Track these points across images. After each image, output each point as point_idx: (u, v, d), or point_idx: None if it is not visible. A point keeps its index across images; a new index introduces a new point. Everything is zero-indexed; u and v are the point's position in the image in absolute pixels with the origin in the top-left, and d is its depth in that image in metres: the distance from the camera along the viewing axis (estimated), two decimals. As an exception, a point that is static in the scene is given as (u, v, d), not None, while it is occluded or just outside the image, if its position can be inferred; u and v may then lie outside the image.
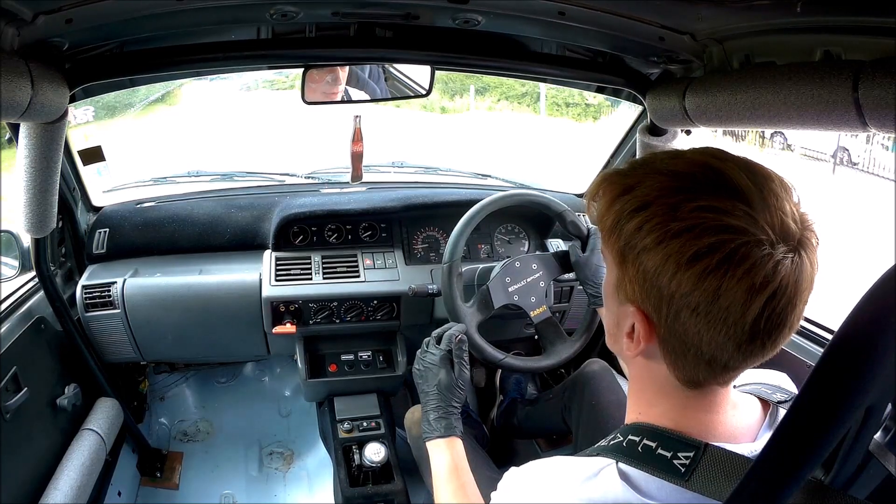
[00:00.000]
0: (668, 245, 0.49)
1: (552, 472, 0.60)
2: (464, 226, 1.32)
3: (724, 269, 0.47)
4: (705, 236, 0.47)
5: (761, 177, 0.50)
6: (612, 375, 1.35)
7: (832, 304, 0.85)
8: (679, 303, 0.50)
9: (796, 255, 0.48)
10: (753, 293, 0.47)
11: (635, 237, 0.51)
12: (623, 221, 0.52)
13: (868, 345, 0.39)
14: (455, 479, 0.93)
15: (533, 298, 1.32)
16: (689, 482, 0.52)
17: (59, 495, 1.21)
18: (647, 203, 0.51)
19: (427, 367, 1.05)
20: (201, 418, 1.95)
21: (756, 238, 0.47)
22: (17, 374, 1.16)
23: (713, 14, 0.91)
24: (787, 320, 0.50)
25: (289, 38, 1.13)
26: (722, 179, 0.49)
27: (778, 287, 0.48)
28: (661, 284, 0.50)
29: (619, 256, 0.54)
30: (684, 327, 0.51)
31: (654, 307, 0.52)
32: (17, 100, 0.81)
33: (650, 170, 0.53)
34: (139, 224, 1.57)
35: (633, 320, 0.54)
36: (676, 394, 0.56)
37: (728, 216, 0.47)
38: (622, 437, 0.58)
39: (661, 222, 0.49)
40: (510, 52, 1.21)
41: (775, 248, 0.47)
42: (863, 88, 0.70)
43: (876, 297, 0.40)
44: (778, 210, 0.48)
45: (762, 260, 0.47)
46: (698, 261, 0.48)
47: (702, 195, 0.49)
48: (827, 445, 0.42)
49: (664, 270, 0.49)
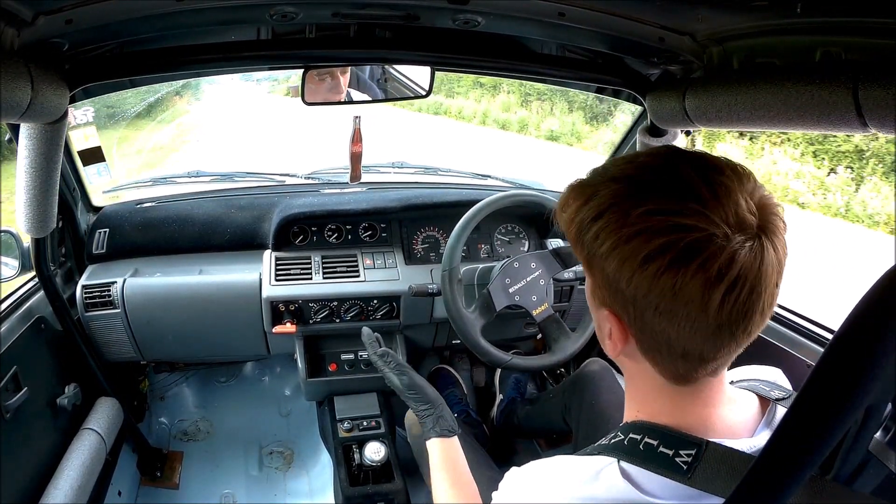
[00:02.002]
0: (622, 250, 0.50)
1: (554, 472, 0.60)
2: (461, 230, 1.33)
3: (677, 267, 0.48)
4: (655, 237, 0.48)
5: (712, 171, 0.51)
6: (612, 375, 1.35)
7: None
8: (641, 304, 0.51)
9: (755, 242, 0.49)
10: (710, 286, 0.48)
11: (594, 245, 0.53)
12: (584, 232, 0.54)
13: (868, 344, 0.40)
14: (447, 477, 0.95)
15: (534, 297, 1.33)
16: (691, 479, 0.52)
17: (59, 495, 1.21)
18: (602, 211, 0.52)
19: (391, 387, 1.09)
20: (201, 418, 1.96)
21: (707, 233, 0.48)
22: (17, 374, 1.16)
23: (713, 15, 0.91)
24: (755, 307, 0.50)
25: (289, 39, 1.13)
26: (671, 180, 0.50)
27: (737, 276, 0.48)
28: (622, 288, 0.52)
29: (586, 264, 0.56)
30: (651, 326, 0.52)
31: (622, 309, 0.54)
32: (17, 100, 0.81)
33: (607, 177, 0.54)
34: (139, 224, 1.57)
35: (609, 323, 0.56)
36: (668, 390, 0.57)
37: (677, 216, 0.48)
38: (623, 436, 0.59)
39: (615, 229, 0.51)
40: (510, 52, 1.21)
41: (730, 239, 0.48)
42: (863, 89, 0.70)
43: (876, 296, 0.40)
44: (730, 203, 0.49)
45: (715, 252, 0.47)
46: (651, 262, 0.49)
47: (651, 198, 0.50)
48: (827, 444, 0.42)
49: (622, 275, 0.51)
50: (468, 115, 10.63)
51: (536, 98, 9.99)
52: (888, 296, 0.40)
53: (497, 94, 10.43)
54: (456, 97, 10.96)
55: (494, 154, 7.83)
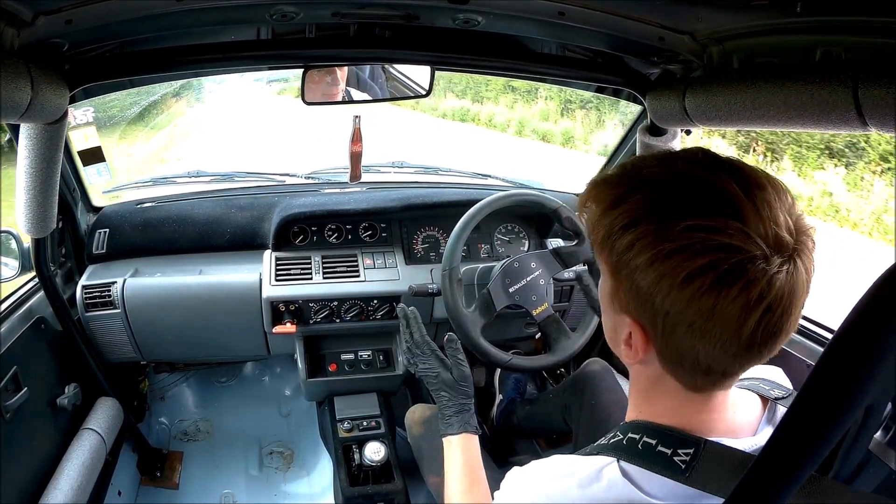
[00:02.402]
0: (661, 265, 0.49)
1: (554, 472, 0.60)
2: (461, 230, 1.33)
3: (719, 289, 0.47)
4: (698, 257, 0.47)
5: (754, 186, 0.49)
6: (612, 375, 1.35)
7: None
8: (674, 320, 0.50)
9: (791, 265, 0.48)
10: (749, 309, 0.47)
11: (627, 254, 0.51)
12: (614, 237, 0.52)
13: (868, 344, 0.40)
14: (466, 475, 0.94)
15: (534, 297, 1.33)
16: (690, 478, 0.52)
17: (60, 495, 1.21)
18: (637, 220, 0.50)
19: (425, 373, 1.07)
20: (201, 418, 1.96)
21: (750, 255, 0.47)
22: (17, 374, 1.16)
23: (713, 14, 0.91)
24: (784, 328, 0.50)
25: (289, 39, 1.13)
26: (713, 192, 0.49)
27: (773, 300, 0.47)
28: (655, 302, 0.50)
29: (612, 270, 0.54)
30: (680, 342, 0.51)
31: (649, 322, 0.52)
32: (17, 100, 0.81)
33: (639, 180, 0.52)
34: (139, 224, 1.57)
35: (630, 330, 0.54)
36: (677, 394, 0.57)
37: (720, 234, 0.47)
38: (622, 435, 0.59)
39: (653, 242, 0.49)
40: (510, 52, 1.21)
41: (770, 261, 0.47)
42: (863, 88, 0.70)
43: (876, 296, 0.40)
44: (771, 222, 0.48)
45: (757, 276, 0.47)
46: (692, 281, 0.47)
47: (692, 212, 0.48)
48: (827, 444, 0.42)
49: (658, 290, 0.49)
50: (500, 124, 9.50)
51: (580, 106, 8.76)
52: (887, 295, 0.40)
53: (533, 101, 9.29)
54: (485, 102, 9.90)
55: (549, 171, 6.85)
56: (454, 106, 10.15)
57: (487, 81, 9.29)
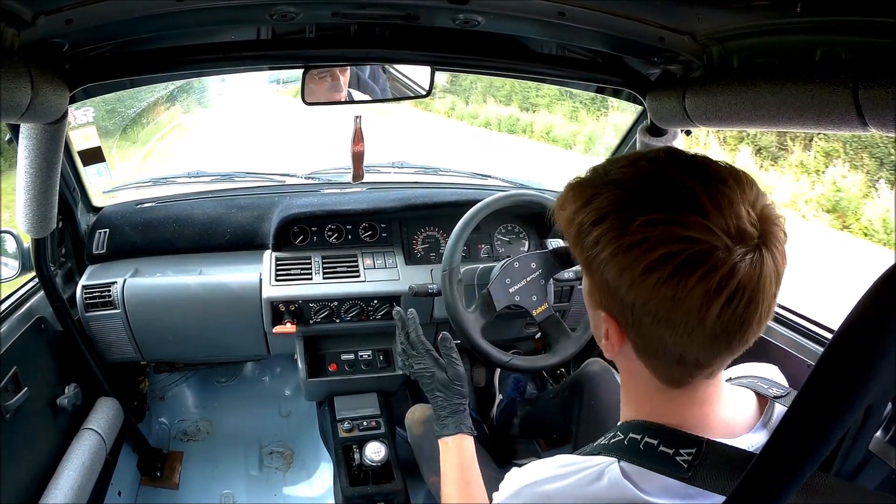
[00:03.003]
0: (623, 258, 0.50)
1: (554, 473, 0.60)
2: (461, 230, 1.33)
3: (678, 279, 0.48)
4: (655, 249, 0.48)
5: (714, 180, 0.50)
6: (612, 375, 1.35)
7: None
8: (639, 311, 0.51)
9: (756, 254, 0.48)
10: (710, 297, 0.48)
11: (594, 250, 0.52)
12: (583, 235, 0.53)
13: (868, 344, 0.40)
14: (461, 477, 0.94)
15: (534, 297, 1.33)
16: (692, 478, 0.52)
17: (60, 495, 1.21)
18: (603, 217, 0.52)
19: (419, 373, 1.06)
20: (201, 418, 1.96)
21: (710, 245, 0.47)
22: (17, 374, 1.16)
23: (713, 14, 0.91)
24: (752, 318, 0.50)
25: (289, 39, 1.13)
26: (674, 188, 0.50)
27: (736, 288, 0.48)
28: (621, 294, 0.52)
29: (585, 266, 0.56)
30: (648, 332, 0.52)
31: (619, 314, 0.54)
32: (17, 100, 0.81)
33: (608, 180, 0.53)
34: (139, 224, 1.57)
35: (606, 325, 0.56)
36: (663, 393, 0.57)
37: (679, 227, 0.48)
38: (623, 436, 0.59)
39: (615, 236, 0.51)
40: (510, 52, 1.21)
41: (731, 251, 0.48)
42: (863, 88, 0.70)
43: (876, 296, 0.40)
44: (732, 214, 0.48)
45: (717, 265, 0.47)
46: (651, 272, 0.49)
47: (652, 207, 0.49)
48: (828, 444, 0.42)
49: (621, 283, 0.51)
50: (562, 138, 8.52)
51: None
52: (887, 295, 0.40)
53: (600, 112, 8.11)
54: (537, 111, 8.91)
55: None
56: (500, 114, 8.95)
57: (538, 87, 8.09)
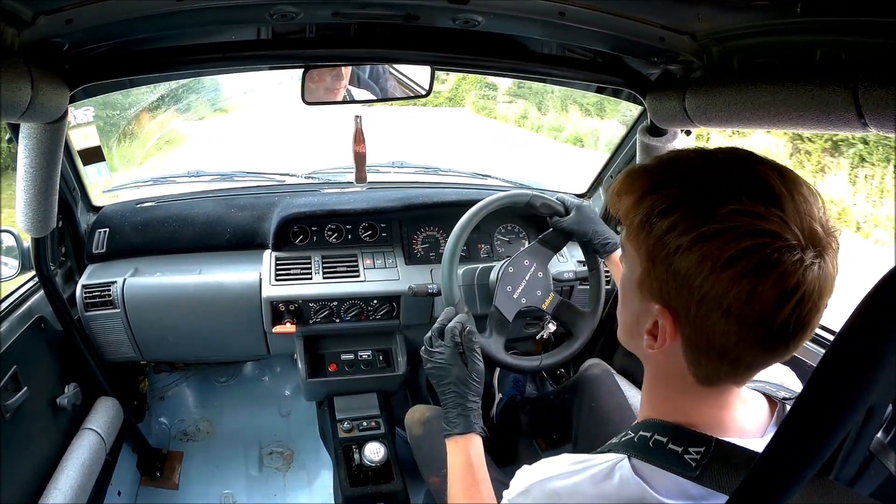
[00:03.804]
0: (704, 247, 0.49)
1: (566, 470, 0.60)
2: (451, 257, 1.26)
3: (759, 273, 0.47)
4: (741, 240, 0.47)
5: (792, 182, 0.50)
6: (612, 377, 1.35)
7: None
8: (711, 304, 0.50)
9: (822, 261, 0.49)
10: (785, 297, 0.48)
11: (667, 236, 0.51)
12: (654, 220, 0.52)
13: (870, 345, 0.40)
14: (469, 476, 0.92)
15: (539, 292, 1.32)
16: (700, 477, 0.52)
17: (59, 495, 1.21)
18: (678, 203, 0.51)
19: (439, 366, 1.01)
20: (201, 418, 1.96)
21: (788, 243, 0.47)
22: (17, 374, 1.16)
23: (713, 14, 0.91)
24: (811, 323, 0.50)
25: (289, 39, 1.13)
26: (754, 181, 0.50)
27: (805, 292, 0.48)
28: (693, 285, 0.50)
29: (647, 254, 0.53)
30: (713, 328, 0.51)
31: (681, 306, 0.52)
32: (17, 100, 0.81)
33: (680, 168, 0.53)
34: (139, 224, 1.57)
35: (658, 318, 0.54)
36: (691, 390, 0.57)
37: (762, 220, 0.48)
38: (633, 434, 0.59)
39: (696, 224, 0.49)
40: (510, 52, 1.21)
41: (805, 253, 0.48)
42: (863, 89, 0.70)
43: (877, 297, 0.40)
44: (807, 215, 0.49)
45: (794, 265, 0.47)
46: (734, 264, 0.48)
47: (736, 198, 0.49)
48: (829, 445, 0.42)
49: (698, 272, 0.49)
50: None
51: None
52: (889, 296, 0.40)
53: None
54: (593, 117, 7.64)
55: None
56: (597, 128, 7.40)
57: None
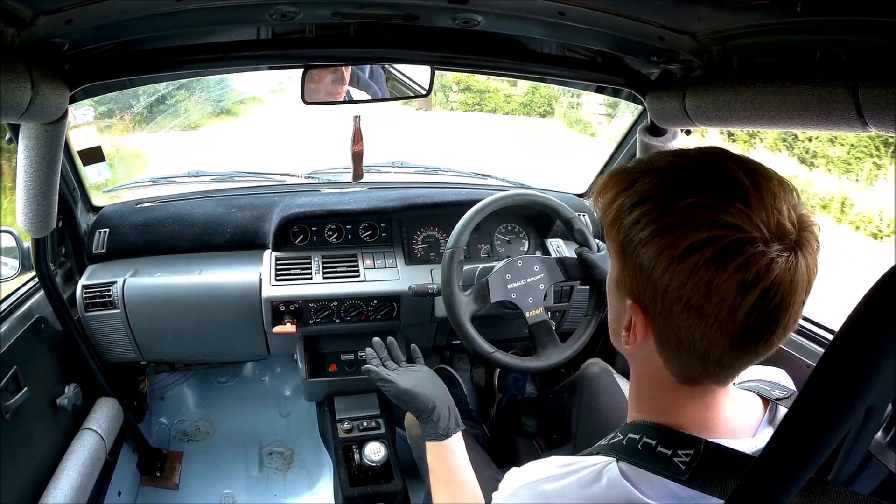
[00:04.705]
0: (663, 239, 0.50)
1: (553, 473, 0.60)
2: (473, 214, 1.32)
3: (717, 264, 0.48)
4: (699, 231, 0.48)
5: (760, 176, 0.51)
6: (612, 377, 1.35)
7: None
8: (672, 296, 0.50)
9: (791, 255, 0.49)
10: (745, 289, 0.48)
11: (633, 230, 0.52)
12: (623, 216, 0.53)
13: (869, 345, 0.39)
14: (444, 476, 0.95)
15: (530, 299, 1.32)
16: (690, 480, 0.52)
17: (59, 495, 1.21)
18: (646, 198, 0.52)
19: (389, 392, 1.08)
20: (201, 418, 1.96)
21: (750, 235, 0.48)
22: (17, 374, 1.16)
23: (713, 14, 0.91)
24: (781, 319, 0.50)
25: (288, 39, 1.13)
26: (720, 177, 0.50)
27: (770, 285, 0.48)
28: (655, 278, 0.51)
29: (618, 250, 0.55)
30: (677, 322, 0.51)
31: (649, 301, 0.53)
32: (17, 100, 0.81)
33: (653, 167, 0.54)
34: (139, 224, 1.57)
35: (631, 314, 0.55)
36: (674, 389, 0.57)
37: (723, 213, 0.48)
38: (622, 436, 0.59)
39: (658, 216, 0.50)
40: (510, 52, 1.21)
41: (769, 245, 0.48)
42: (863, 89, 0.70)
43: (877, 297, 0.40)
44: (774, 209, 0.49)
45: (755, 257, 0.47)
46: (691, 255, 0.48)
47: (699, 192, 0.49)
48: (828, 445, 0.42)
49: (658, 264, 0.50)
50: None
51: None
52: (888, 296, 0.40)
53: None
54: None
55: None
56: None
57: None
